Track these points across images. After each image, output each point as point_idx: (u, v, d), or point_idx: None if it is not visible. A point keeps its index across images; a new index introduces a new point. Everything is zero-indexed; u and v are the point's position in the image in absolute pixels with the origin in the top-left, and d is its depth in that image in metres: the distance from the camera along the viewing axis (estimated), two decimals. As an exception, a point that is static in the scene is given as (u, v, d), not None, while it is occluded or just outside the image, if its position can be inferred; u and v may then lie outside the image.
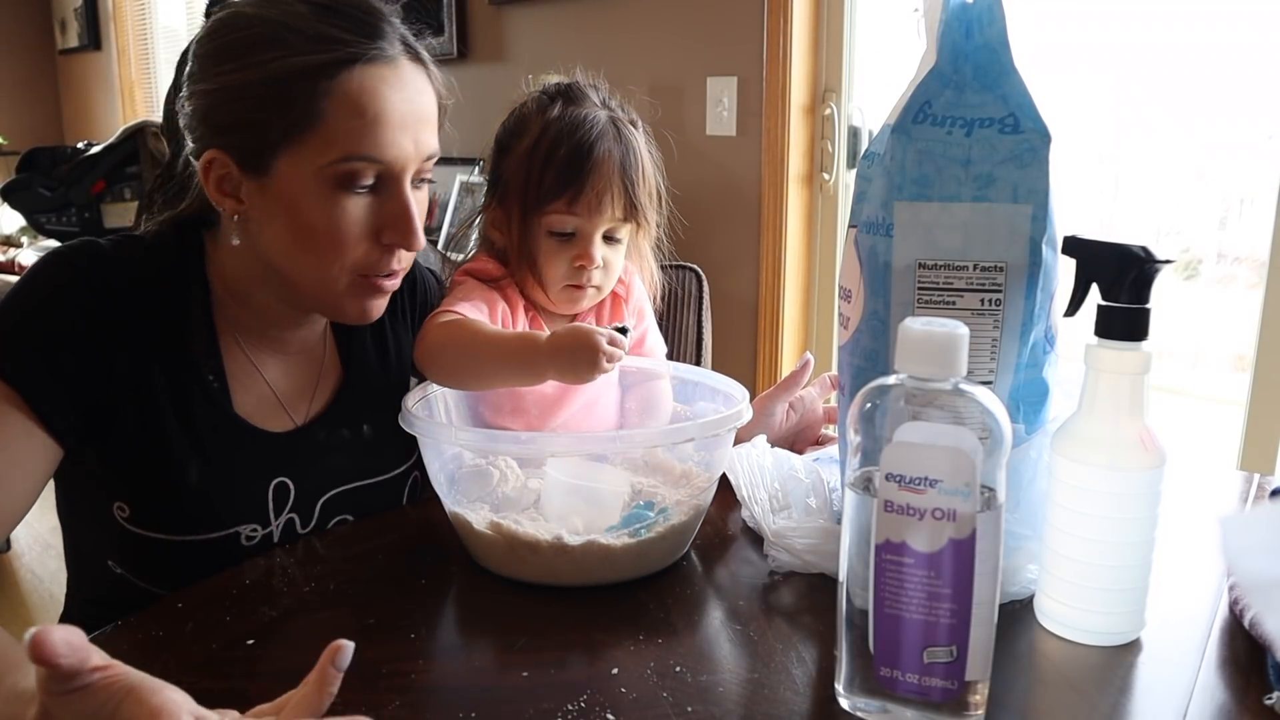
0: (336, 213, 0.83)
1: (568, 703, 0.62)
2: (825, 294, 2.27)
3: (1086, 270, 0.69)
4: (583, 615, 0.75)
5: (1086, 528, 0.68)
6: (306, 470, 0.93)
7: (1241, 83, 1.73)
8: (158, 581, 0.89)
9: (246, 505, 0.90)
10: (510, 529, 0.79)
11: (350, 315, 0.89)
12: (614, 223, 0.97)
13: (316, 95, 0.80)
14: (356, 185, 0.83)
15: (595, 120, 0.97)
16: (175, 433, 0.87)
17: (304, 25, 0.81)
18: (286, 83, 0.80)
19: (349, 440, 0.97)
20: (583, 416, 1.00)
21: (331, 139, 0.81)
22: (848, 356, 0.78)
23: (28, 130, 4.94)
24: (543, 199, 0.96)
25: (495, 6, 2.69)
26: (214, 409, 0.89)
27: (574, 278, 0.98)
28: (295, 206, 0.83)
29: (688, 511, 0.83)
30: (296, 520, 0.93)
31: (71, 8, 4.90)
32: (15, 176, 3.34)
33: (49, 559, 2.56)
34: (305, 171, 0.82)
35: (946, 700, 0.58)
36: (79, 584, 0.99)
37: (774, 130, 2.16)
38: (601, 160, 0.95)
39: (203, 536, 0.88)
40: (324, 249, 0.84)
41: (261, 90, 0.80)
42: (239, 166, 0.83)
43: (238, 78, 0.81)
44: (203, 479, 0.88)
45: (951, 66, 0.71)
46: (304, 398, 0.96)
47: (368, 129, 0.81)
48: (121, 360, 0.85)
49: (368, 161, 0.82)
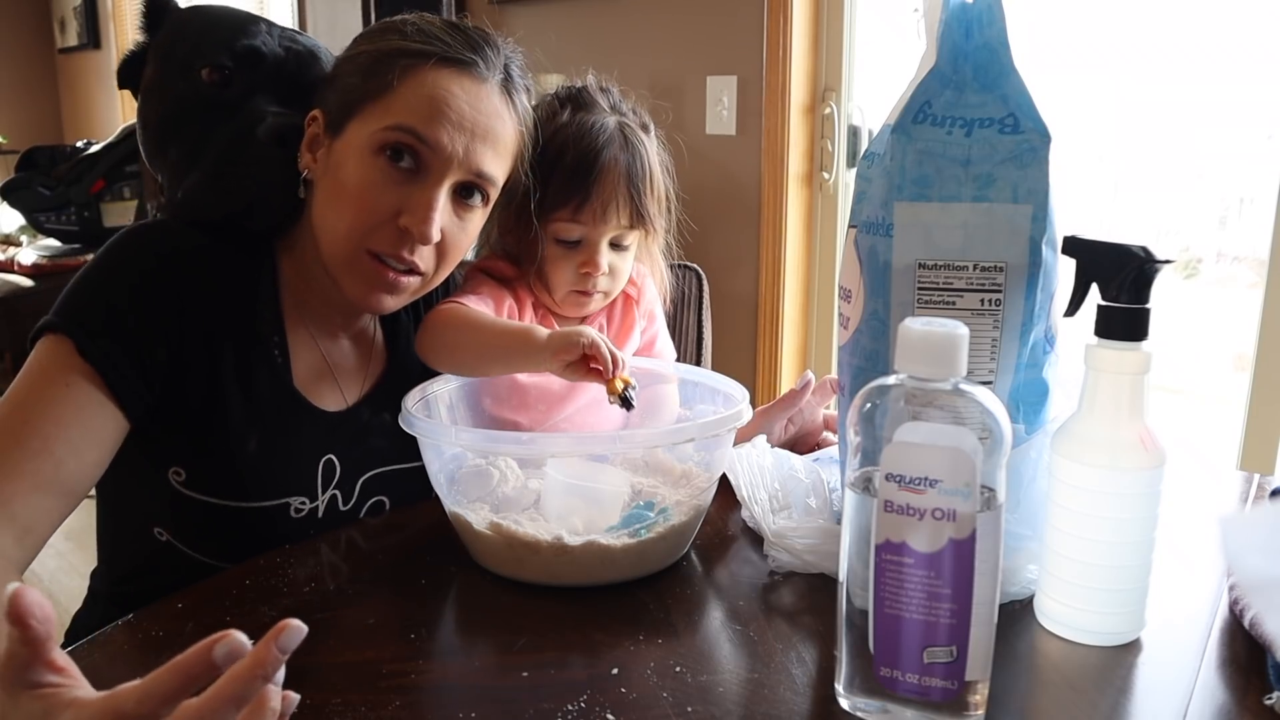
0: (369, 176, 0.86)
1: (568, 703, 0.62)
2: (825, 294, 2.27)
3: (1086, 270, 0.69)
4: (583, 615, 0.75)
5: (1086, 528, 0.68)
6: (351, 449, 0.96)
7: (1241, 83, 1.73)
8: (204, 548, 0.91)
9: (298, 478, 0.93)
10: (510, 529, 0.79)
11: (356, 295, 0.91)
12: (620, 230, 0.98)
13: (398, 72, 0.86)
14: (398, 160, 0.86)
15: (603, 128, 0.97)
16: (239, 403, 0.90)
17: (426, 26, 0.90)
18: (382, 58, 0.88)
19: (389, 424, 0.98)
20: (587, 414, 1.00)
21: (393, 109, 0.86)
22: (848, 356, 0.78)
23: (27, 129, 4.95)
24: (548, 207, 0.96)
25: (496, 6, 2.69)
26: (277, 383, 0.92)
27: (580, 284, 0.99)
28: (342, 165, 0.88)
29: (688, 512, 0.83)
30: (339, 497, 0.96)
31: (71, 6, 4.90)
32: (14, 175, 3.33)
33: (49, 558, 2.56)
34: (362, 134, 0.87)
35: (946, 700, 0.58)
36: (113, 560, 1.01)
37: (774, 130, 2.16)
38: (607, 169, 0.96)
39: (256, 504, 0.90)
40: (344, 208, 0.88)
41: (364, 60, 0.89)
42: (325, 126, 0.90)
43: (357, 50, 0.91)
44: (261, 449, 0.91)
45: (951, 66, 0.71)
46: (356, 379, 0.99)
47: (425, 110, 0.86)
48: (193, 336, 0.88)
49: (413, 136, 0.85)
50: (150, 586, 0.75)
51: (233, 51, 0.94)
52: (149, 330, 0.86)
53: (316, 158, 0.91)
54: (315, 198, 0.92)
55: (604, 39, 2.47)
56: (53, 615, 0.49)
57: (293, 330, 0.95)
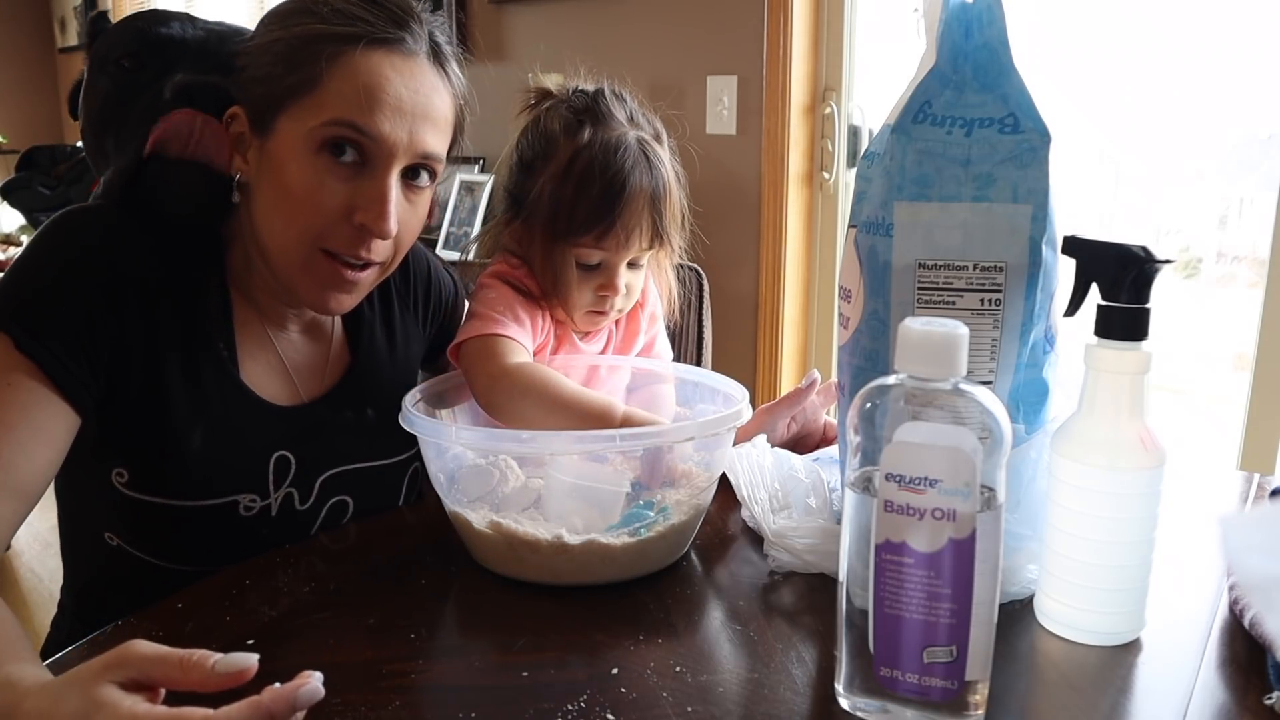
0: (314, 177, 0.83)
1: (568, 703, 0.62)
2: (825, 294, 2.27)
3: (1086, 270, 0.69)
4: (583, 615, 0.75)
5: (1086, 528, 0.68)
6: (308, 446, 0.93)
7: (1241, 82, 1.73)
8: (156, 551, 0.89)
9: (247, 475, 0.90)
10: (510, 528, 0.79)
11: (311, 298, 0.88)
12: (639, 253, 0.99)
13: (323, 60, 0.82)
14: (340, 155, 0.83)
15: (626, 149, 0.96)
16: (181, 398, 0.87)
17: (342, 4, 0.84)
18: (302, 46, 0.83)
19: (352, 422, 0.97)
20: None
21: (326, 103, 0.82)
22: (848, 356, 0.78)
23: (27, 129, 4.95)
24: (572, 231, 0.96)
25: (495, 5, 2.69)
26: (223, 376, 0.89)
27: (598, 304, 1.00)
28: (281, 168, 0.84)
29: (687, 511, 0.83)
30: (295, 495, 0.93)
31: (71, 6, 4.90)
32: (15, 175, 3.34)
33: (49, 558, 2.56)
34: (298, 134, 0.83)
35: (946, 700, 0.58)
36: (75, 567, 0.99)
37: (774, 129, 2.16)
38: (633, 196, 0.95)
39: (202, 503, 0.88)
40: (293, 212, 0.84)
41: (281, 49, 0.84)
42: (250, 125, 0.86)
43: (270, 37, 0.85)
44: (205, 445, 0.88)
45: (951, 66, 0.71)
46: (315, 375, 0.97)
47: (361, 100, 0.82)
48: (133, 324, 0.85)
49: (353, 130, 0.82)
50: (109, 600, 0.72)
51: (145, 37, 0.94)
52: (84, 319, 0.82)
53: (247, 159, 0.87)
54: (255, 202, 0.88)
55: (604, 39, 2.47)
56: None
57: (243, 320, 0.92)
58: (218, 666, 0.52)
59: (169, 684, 0.53)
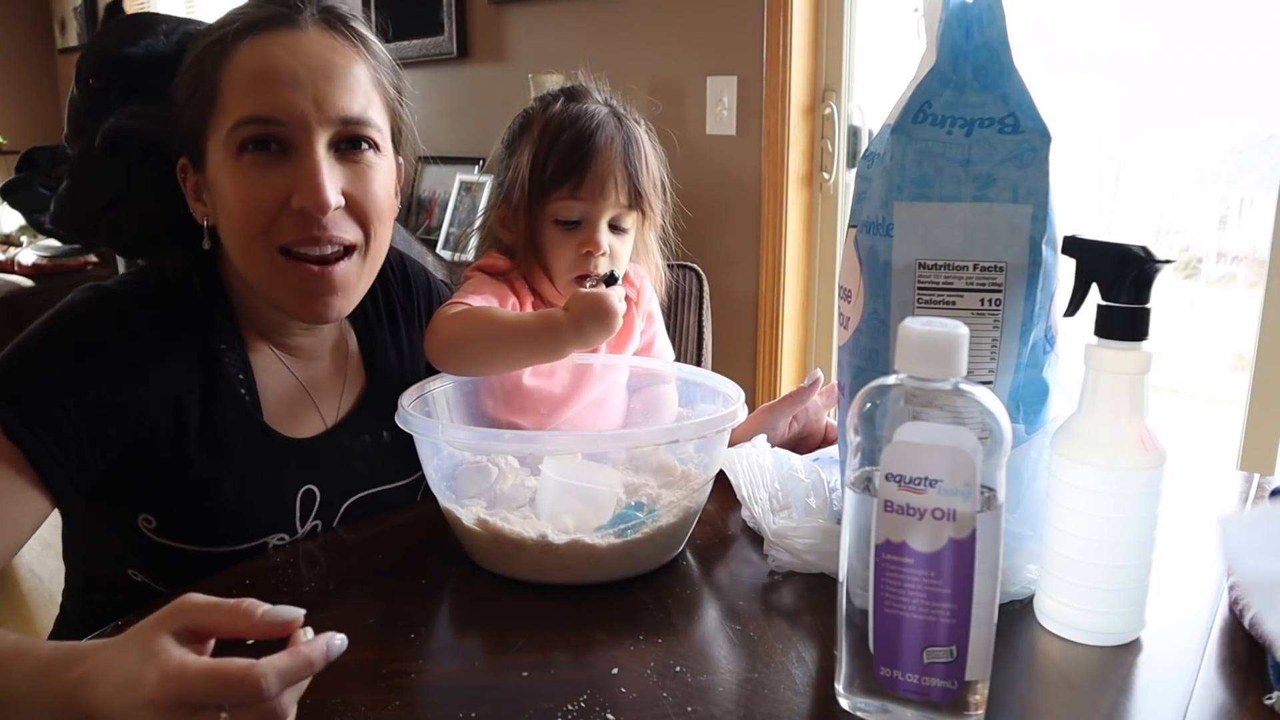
0: (244, 179, 0.82)
1: (568, 703, 0.62)
2: (825, 294, 2.27)
3: (1086, 270, 0.69)
4: (582, 615, 0.75)
5: (1086, 528, 0.68)
6: (332, 476, 0.94)
7: (1241, 82, 1.73)
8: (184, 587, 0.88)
9: (276, 516, 0.90)
10: (497, 526, 0.79)
11: (297, 309, 0.87)
12: (619, 209, 0.98)
13: (217, 69, 0.82)
14: (259, 151, 0.81)
15: (596, 112, 0.99)
16: (208, 453, 0.86)
17: (231, 13, 0.83)
18: (197, 64, 0.83)
19: (370, 446, 0.97)
20: (590, 414, 1.00)
21: (229, 106, 0.81)
22: (848, 356, 0.78)
23: (27, 129, 4.94)
24: (547, 187, 0.97)
25: (495, 6, 2.69)
26: (248, 423, 0.89)
27: (581, 266, 0.99)
28: (220, 187, 0.84)
29: (677, 514, 0.82)
30: (320, 527, 0.93)
31: (71, 6, 4.91)
32: (14, 175, 3.33)
33: (49, 558, 2.56)
34: (220, 147, 0.82)
35: (946, 700, 0.58)
36: (89, 585, 0.97)
37: (774, 130, 2.16)
38: (603, 145, 0.97)
39: (232, 548, 0.88)
40: (240, 220, 0.83)
41: (188, 78, 0.84)
42: (193, 167, 0.86)
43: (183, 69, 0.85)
44: (235, 494, 0.88)
45: (951, 66, 0.71)
46: (333, 400, 0.97)
47: (255, 89, 0.81)
48: (155, 396, 0.84)
49: (259, 122, 0.81)
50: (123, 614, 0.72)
51: (108, 59, 0.94)
52: (93, 409, 0.80)
53: (205, 202, 0.87)
54: (221, 234, 0.87)
55: (604, 39, 2.47)
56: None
57: (258, 354, 0.92)
58: (265, 616, 0.55)
59: (218, 631, 0.56)
